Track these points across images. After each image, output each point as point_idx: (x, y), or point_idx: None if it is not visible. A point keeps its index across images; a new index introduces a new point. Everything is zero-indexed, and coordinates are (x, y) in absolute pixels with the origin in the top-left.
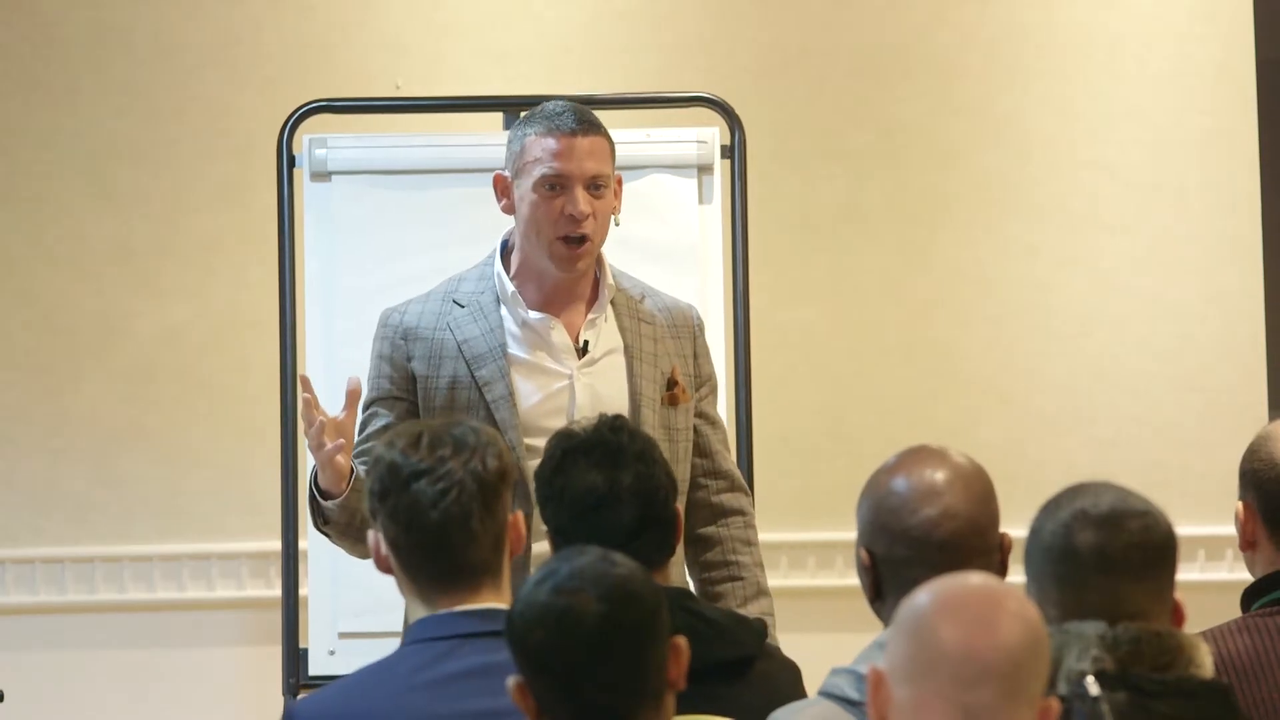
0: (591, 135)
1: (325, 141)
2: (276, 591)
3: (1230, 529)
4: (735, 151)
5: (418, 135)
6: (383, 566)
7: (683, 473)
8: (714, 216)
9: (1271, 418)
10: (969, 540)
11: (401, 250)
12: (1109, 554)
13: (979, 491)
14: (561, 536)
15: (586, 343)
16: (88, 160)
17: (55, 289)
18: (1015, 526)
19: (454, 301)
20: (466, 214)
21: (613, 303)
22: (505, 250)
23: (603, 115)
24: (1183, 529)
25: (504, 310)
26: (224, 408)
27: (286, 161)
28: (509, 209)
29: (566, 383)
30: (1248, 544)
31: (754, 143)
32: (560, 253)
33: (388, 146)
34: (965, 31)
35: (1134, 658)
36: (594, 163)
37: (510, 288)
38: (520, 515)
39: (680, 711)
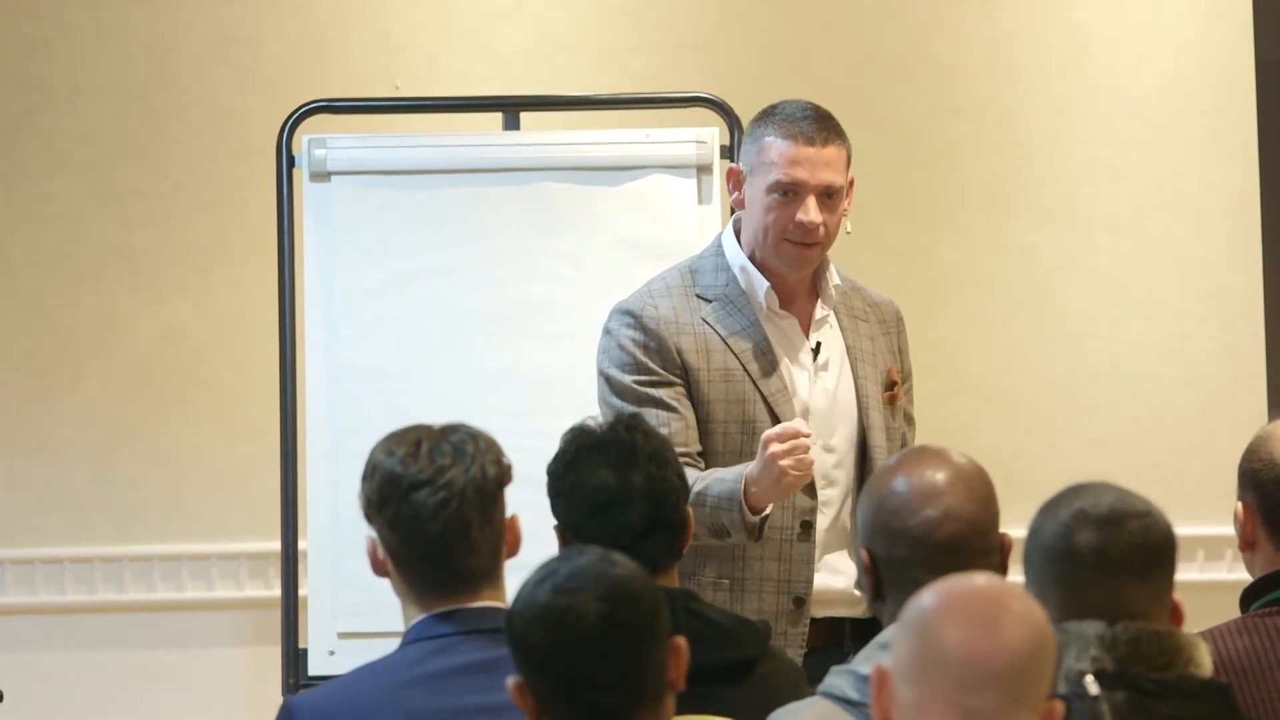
0: (832, 145)
1: (325, 142)
2: (276, 592)
3: (1229, 529)
4: (734, 152)
5: (417, 135)
6: (379, 570)
7: None
8: (713, 217)
9: (1271, 418)
10: (970, 541)
11: (401, 250)
12: (1109, 554)
13: (980, 492)
14: (571, 533)
15: (819, 344)
16: (87, 161)
17: (55, 289)
18: (1015, 527)
19: (698, 296)
20: (466, 214)
21: None
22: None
23: (602, 115)
24: (1182, 529)
25: (752, 306)
26: (224, 408)
27: (286, 162)
28: (739, 203)
29: (808, 385)
30: (1247, 544)
31: None
32: (789, 254)
33: (387, 147)
34: (965, 32)
35: (1133, 657)
36: (830, 173)
37: (764, 284)
38: (517, 517)
39: (681, 712)
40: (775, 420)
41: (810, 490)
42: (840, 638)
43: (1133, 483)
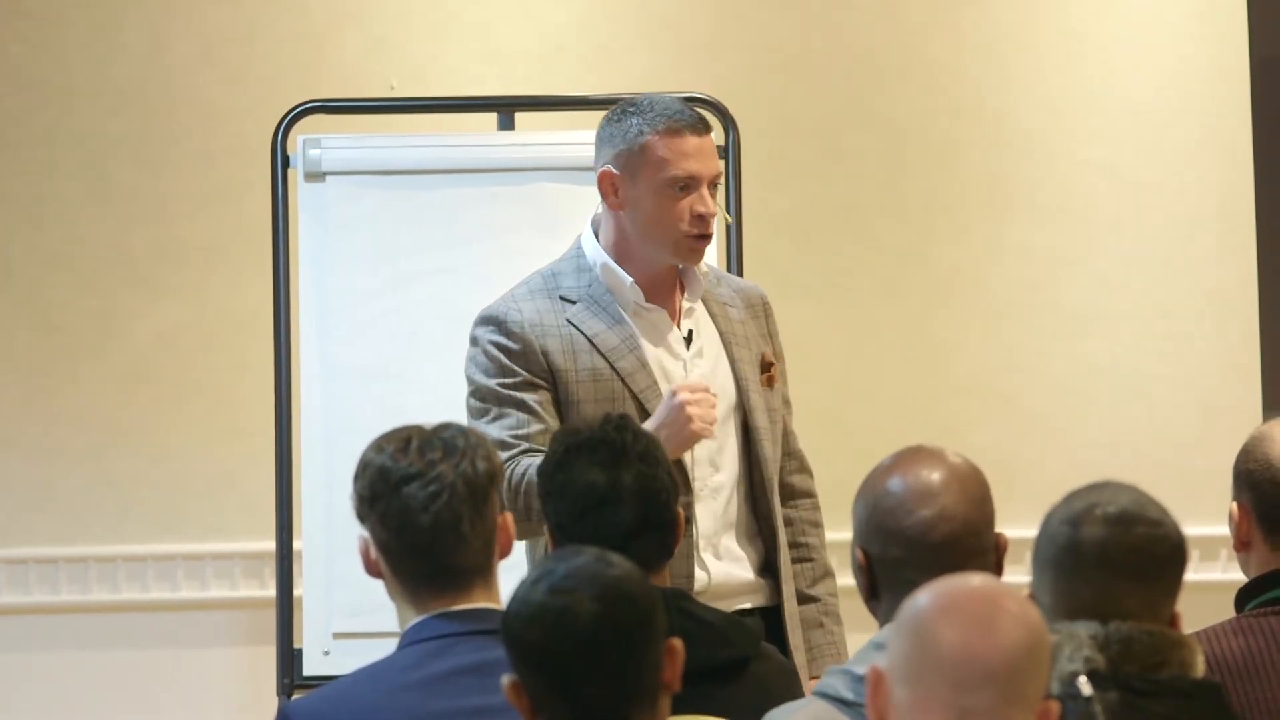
0: (709, 134)
1: (319, 142)
2: (271, 592)
3: (1225, 529)
4: (730, 152)
5: (412, 136)
6: (372, 571)
7: (777, 452)
8: None
9: (1266, 418)
10: (964, 541)
11: (396, 250)
12: (1109, 551)
13: (975, 492)
14: (561, 534)
15: (691, 332)
16: (84, 160)
17: (51, 289)
18: (1011, 527)
19: (561, 298)
20: (462, 214)
21: None
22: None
23: (598, 116)
24: None
25: (618, 303)
26: (219, 408)
27: (281, 162)
28: (617, 205)
29: (683, 375)
30: (1242, 545)
31: (752, 143)
32: (689, 246)
33: (382, 147)
34: (963, 32)
35: (1125, 657)
36: (715, 161)
37: (629, 279)
38: (509, 516)
39: (675, 712)
40: (646, 416)
41: (686, 484)
42: None
43: (1128, 482)
